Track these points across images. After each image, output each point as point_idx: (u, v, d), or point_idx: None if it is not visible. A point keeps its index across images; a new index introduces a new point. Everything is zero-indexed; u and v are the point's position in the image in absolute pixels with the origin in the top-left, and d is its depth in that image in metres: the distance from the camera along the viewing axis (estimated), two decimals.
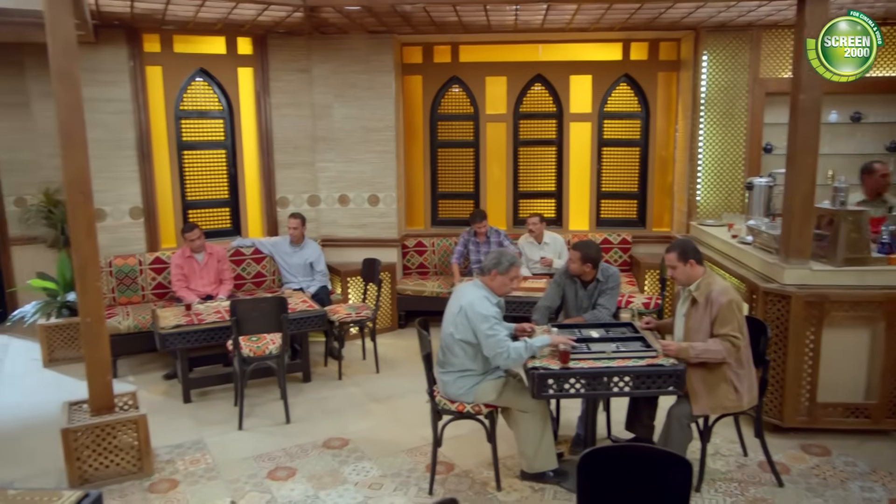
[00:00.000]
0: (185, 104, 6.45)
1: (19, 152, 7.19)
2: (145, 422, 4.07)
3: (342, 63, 6.70)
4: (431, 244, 7.20)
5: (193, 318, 5.17)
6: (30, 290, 7.05)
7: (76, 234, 3.92)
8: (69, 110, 3.80)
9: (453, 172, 7.42)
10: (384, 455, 4.34)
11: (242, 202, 6.77)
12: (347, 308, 5.85)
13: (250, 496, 3.88)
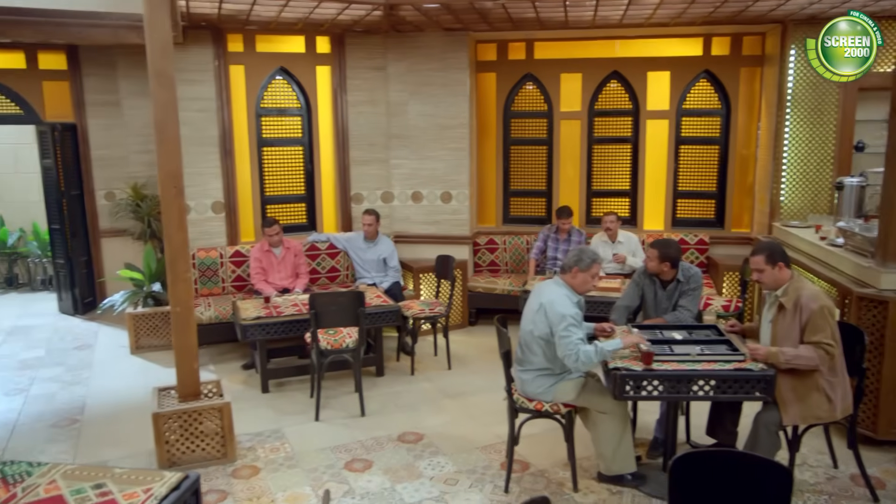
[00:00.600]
0: (266, 102, 6.63)
1: (110, 149, 7.54)
2: (229, 409, 4.21)
3: (417, 61, 6.75)
4: (503, 242, 7.18)
5: (272, 310, 5.30)
6: (117, 280, 7.41)
7: (168, 227, 4.08)
8: (164, 108, 3.96)
9: (526, 170, 7.37)
10: (459, 451, 4.35)
11: (318, 198, 6.91)
12: (421, 304, 5.89)
13: (329, 486, 3.95)
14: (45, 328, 7.24)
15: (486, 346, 6.45)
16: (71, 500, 2.30)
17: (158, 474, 2.47)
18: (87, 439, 4.63)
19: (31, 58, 7.22)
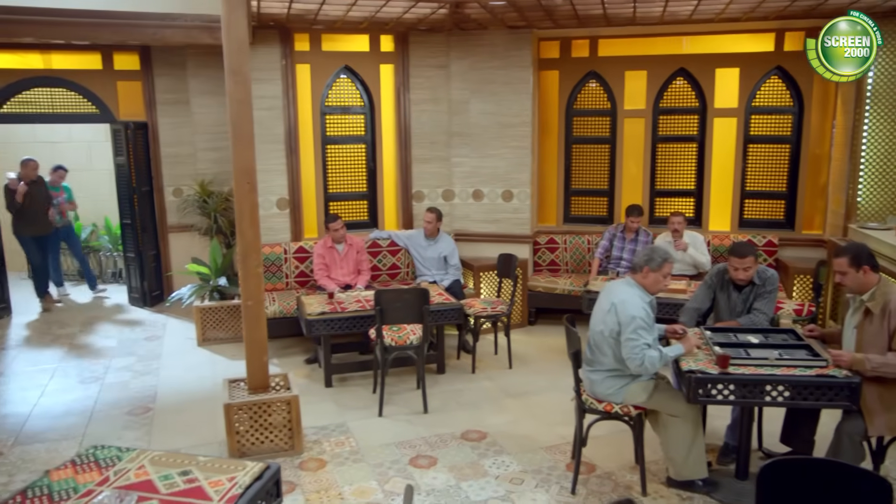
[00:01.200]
0: (330, 100, 6.72)
1: (179, 146, 7.76)
2: (297, 402, 4.28)
3: (480, 59, 6.73)
4: (563, 241, 7.11)
5: (336, 306, 5.37)
6: (183, 274, 7.63)
7: (241, 222, 4.16)
8: (239, 105, 4.04)
9: (587, 169, 7.28)
10: (523, 451, 4.32)
11: (380, 195, 6.97)
12: (482, 303, 5.88)
13: (394, 481, 3.98)
14: (116, 319, 7.50)
15: (545, 345, 6.40)
16: (160, 485, 2.37)
17: (241, 464, 2.52)
18: (159, 427, 4.77)
19: (107, 59, 7.49)
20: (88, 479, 2.42)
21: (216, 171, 7.68)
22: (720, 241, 6.69)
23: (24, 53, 7.26)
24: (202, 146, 7.66)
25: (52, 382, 5.63)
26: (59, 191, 8.23)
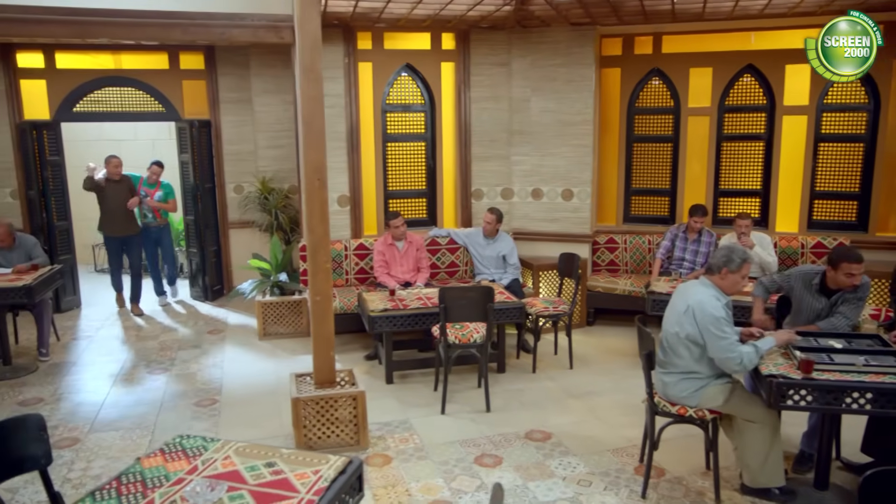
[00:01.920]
0: (391, 98, 6.75)
1: (240, 144, 7.92)
2: (363, 398, 4.30)
3: (541, 56, 6.68)
4: (623, 241, 7.00)
5: (398, 303, 5.38)
6: (242, 270, 7.79)
7: (311, 218, 4.20)
8: (312, 103, 4.08)
9: (649, 168, 7.15)
10: (589, 452, 4.26)
11: (439, 193, 6.98)
12: (544, 302, 5.83)
13: (460, 480, 3.97)
14: (180, 312, 7.68)
15: (605, 346, 6.32)
16: (247, 476, 2.40)
17: (324, 457, 2.54)
18: (226, 419, 4.86)
19: (174, 59, 7.68)
20: (178, 467, 2.47)
21: (276, 168, 7.81)
22: (787, 243, 6.50)
23: (96, 54, 7.50)
24: (263, 144, 7.79)
25: (121, 372, 5.79)
26: (153, 188, 7.71)
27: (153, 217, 7.75)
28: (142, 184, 7.66)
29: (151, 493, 2.29)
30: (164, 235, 7.94)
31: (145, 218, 7.75)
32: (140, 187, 7.63)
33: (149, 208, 7.68)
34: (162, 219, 7.82)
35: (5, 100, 7.25)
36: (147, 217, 7.75)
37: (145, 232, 7.76)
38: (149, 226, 7.77)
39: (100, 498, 2.26)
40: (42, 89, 7.43)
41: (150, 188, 7.67)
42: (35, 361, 6.01)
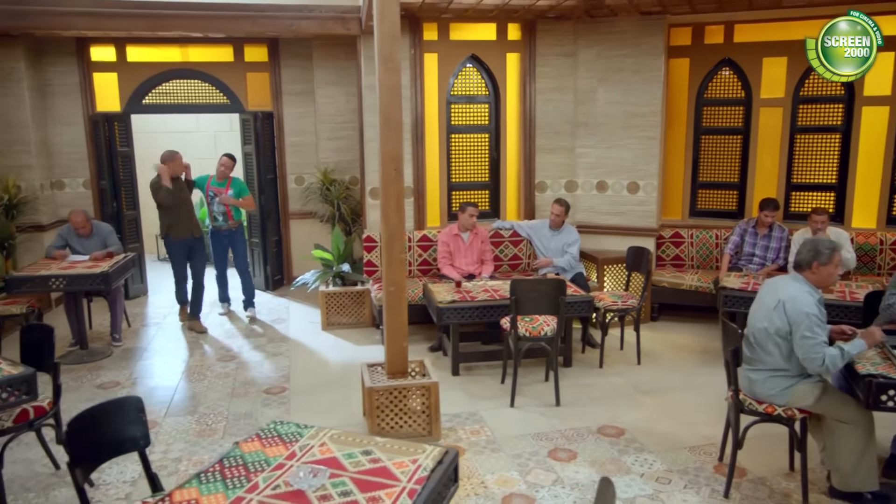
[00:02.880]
0: (456, 89, 6.73)
1: (302, 136, 8.00)
2: (437, 389, 4.29)
3: (608, 47, 6.56)
4: (689, 235, 6.84)
5: (465, 294, 5.36)
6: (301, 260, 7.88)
7: (386, 208, 4.21)
8: (390, 92, 4.08)
9: (717, 161, 6.97)
10: (665, 450, 4.18)
11: (502, 185, 6.93)
12: (612, 296, 5.74)
13: (535, 473, 3.93)
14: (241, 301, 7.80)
15: (671, 342, 6.20)
16: (346, 463, 2.41)
17: (420, 447, 2.53)
18: (297, 407, 4.91)
19: (238, 51, 7.79)
20: (276, 452, 2.50)
21: (337, 160, 7.86)
22: (865, 239, 6.26)
23: (164, 47, 7.65)
24: (324, 135, 7.85)
25: (191, 359, 5.92)
26: (223, 186, 6.81)
27: (224, 218, 6.84)
28: (210, 183, 6.85)
29: (255, 476, 2.32)
30: (237, 240, 7.00)
31: (215, 221, 6.85)
32: (208, 187, 6.82)
33: (220, 209, 6.79)
34: (234, 220, 6.89)
35: (79, 92, 7.46)
36: (217, 220, 6.85)
37: (215, 236, 6.93)
38: (219, 229, 6.87)
39: (205, 480, 2.29)
40: (113, 82, 7.62)
41: (220, 186, 6.81)
42: (109, 346, 6.18)
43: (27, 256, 7.03)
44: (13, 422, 3.49)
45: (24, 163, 7.14)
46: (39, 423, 3.63)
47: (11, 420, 3.48)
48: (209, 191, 6.82)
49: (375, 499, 2.17)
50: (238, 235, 7.01)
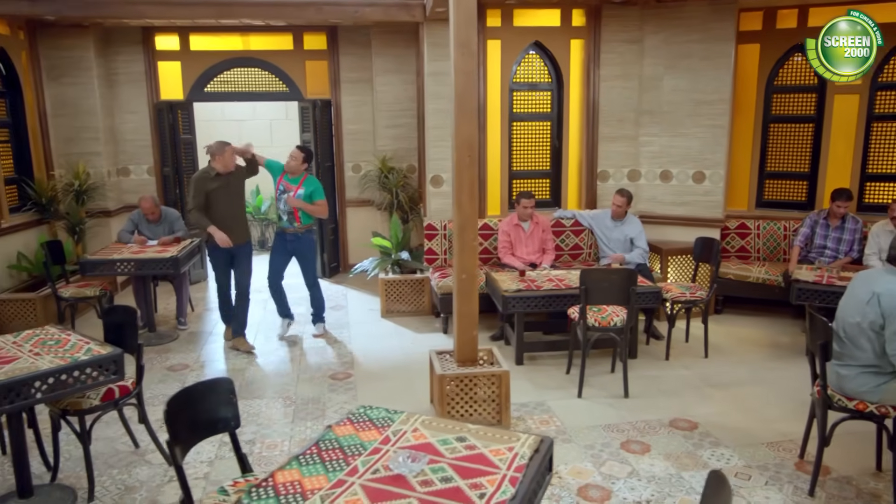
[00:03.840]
0: (518, 76, 6.65)
1: (359, 124, 8.02)
2: (507, 378, 4.27)
3: (676, 33, 6.40)
4: (756, 226, 6.66)
5: (530, 284, 5.32)
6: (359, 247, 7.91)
7: (459, 194, 4.18)
8: (465, 77, 4.05)
9: (786, 150, 6.77)
10: (742, 445, 4.08)
11: (564, 174, 6.85)
12: (680, 287, 5.63)
13: (609, 465, 3.88)
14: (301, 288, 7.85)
15: (737, 335, 6.06)
16: (441, 449, 2.40)
17: (514, 434, 2.51)
18: (363, 392, 4.94)
19: (298, 39, 7.84)
20: (370, 437, 2.50)
21: (395, 147, 7.87)
22: None
23: (226, 36, 7.74)
24: (382, 123, 7.86)
25: (256, 342, 5.99)
26: (297, 182, 5.84)
27: (290, 220, 5.83)
28: (283, 177, 5.88)
29: (352, 460, 2.32)
30: (304, 247, 5.92)
31: (280, 220, 5.94)
32: (280, 181, 5.88)
33: (287, 208, 5.83)
34: (301, 224, 5.83)
35: (145, 81, 7.60)
36: (283, 220, 5.89)
37: (279, 238, 5.94)
38: (284, 231, 5.88)
39: (304, 462, 2.31)
40: (177, 70, 7.75)
41: (292, 182, 5.84)
42: (175, 330, 6.31)
43: (95, 241, 7.22)
44: (100, 400, 3.57)
45: (93, 150, 7.32)
46: (123, 402, 3.72)
47: (99, 398, 3.57)
48: (280, 184, 5.90)
49: (477, 485, 2.15)
50: (305, 242, 5.91)
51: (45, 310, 6.08)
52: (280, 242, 5.96)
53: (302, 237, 5.91)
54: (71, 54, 7.10)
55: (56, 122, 7.19)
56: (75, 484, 3.70)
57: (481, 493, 2.11)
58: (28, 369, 3.15)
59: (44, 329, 3.83)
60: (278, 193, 5.94)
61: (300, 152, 5.90)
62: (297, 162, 5.85)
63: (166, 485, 3.72)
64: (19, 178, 6.83)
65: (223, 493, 2.61)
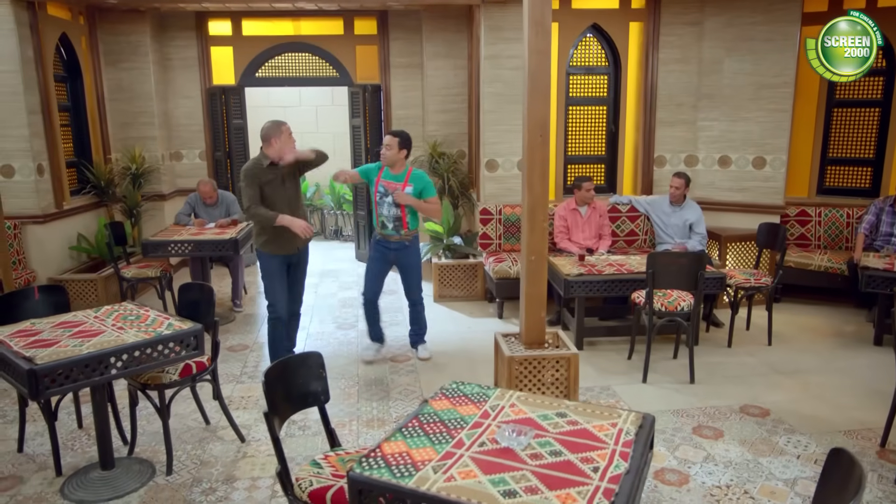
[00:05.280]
0: (575, 60, 6.57)
1: (409, 108, 7.99)
2: (577, 361, 4.22)
3: (738, 14, 6.27)
4: (817, 214, 6.51)
5: (591, 268, 5.26)
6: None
7: (531, 175, 4.12)
8: (539, 56, 4.00)
9: (850, 136, 6.60)
10: (819, 433, 3.99)
11: (620, 159, 6.76)
12: (744, 273, 5.53)
13: (683, 449, 3.83)
14: (349, 272, 7.92)
15: (800, 324, 5.94)
16: (544, 423, 2.38)
17: (615, 411, 2.48)
18: (426, 376, 4.93)
19: (349, 24, 7.84)
20: (469, 411, 2.48)
21: (445, 133, 7.83)
22: None
23: (277, 21, 7.77)
24: (432, 108, 7.82)
25: (311, 326, 6.03)
26: (401, 180, 4.82)
27: (396, 226, 4.84)
28: (381, 175, 4.89)
29: (456, 433, 2.31)
30: (413, 257, 5.01)
31: (383, 227, 4.87)
32: (378, 180, 4.87)
33: (392, 212, 4.83)
34: (409, 230, 4.88)
35: (198, 66, 7.67)
36: (386, 226, 4.85)
37: (379, 247, 4.98)
38: (387, 239, 4.90)
39: (408, 434, 2.30)
40: (229, 56, 7.80)
41: (396, 180, 4.83)
42: (231, 312, 6.37)
43: (151, 224, 7.32)
44: (178, 375, 3.61)
45: (149, 134, 7.41)
46: (200, 378, 3.76)
47: (177, 374, 3.61)
48: (379, 185, 4.88)
49: (588, 459, 2.13)
50: (413, 252, 5.02)
51: (107, 290, 6.19)
52: (380, 252, 5.01)
53: (409, 246, 4.98)
54: (128, 39, 7.18)
55: (113, 106, 7.29)
56: (152, 458, 3.76)
57: (594, 466, 2.09)
58: (114, 342, 3.19)
59: (121, 305, 3.88)
60: (378, 197, 4.88)
61: (394, 137, 4.84)
62: (394, 150, 4.79)
63: (241, 460, 3.76)
64: (79, 161, 6.94)
65: (316, 465, 2.62)
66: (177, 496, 3.40)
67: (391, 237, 4.94)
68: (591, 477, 2.03)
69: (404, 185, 4.86)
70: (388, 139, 4.90)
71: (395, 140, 4.85)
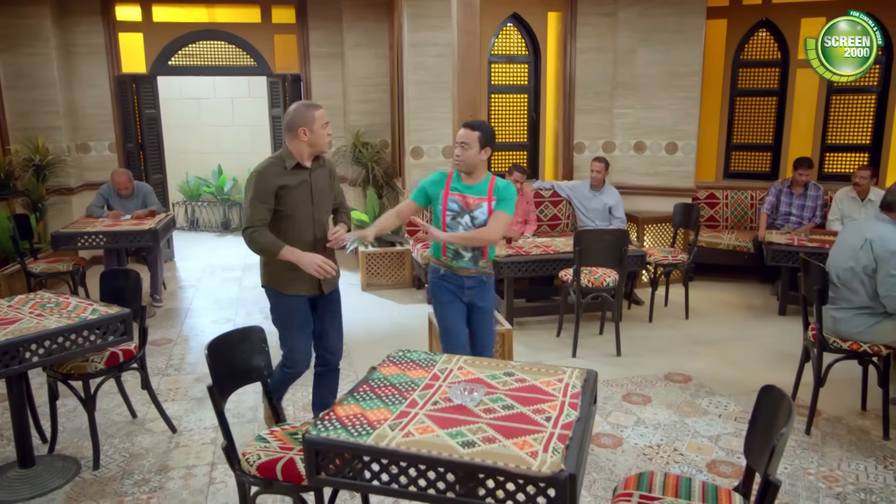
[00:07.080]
0: (496, 48, 6.69)
1: (331, 99, 7.91)
2: (511, 335, 4.33)
3: (650, 6, 6.56)
4: (724, 196, 6.91)
5: (518, 249, 5.38)
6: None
7: None
8: (468, 37, 4.07)
9: (751, 123, 7.04)
10: (737, 393, 4.26)
11: (541, 146, 6.94)
12: (662, 251, 5.79)
13: (616, 415, 3.98)
14: None
15: (714, 299, 6.29)
16: (493, 382, 2.43)
17: (559, 368, 2.56)
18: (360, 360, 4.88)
19: (266, 12, 7.68)
20: (419, 375, 2.50)
21: (367, 122, 7.80)
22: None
23: (190, 7, 7.52)
24: (354, 98, 7.78)
25: (237, 318, 5.87)
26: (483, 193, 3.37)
27: (475, 257, 3.43)
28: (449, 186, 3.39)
29: (409, 394, 2.32)
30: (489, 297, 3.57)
31: (456, 258, 3.42)
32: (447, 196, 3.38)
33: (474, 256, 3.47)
34: (488, 259, 3.49)
35: (105, 53, 7.31)
36: (462, 256, 3.41)
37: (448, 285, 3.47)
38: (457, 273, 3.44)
39: (360, 398, 2.30)
40: (139, 42, 7.48)
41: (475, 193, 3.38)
42: (150, 307, 6.11)
43: (58, 219, 6.91)
44: (105, 364, 3.45)
45: (52, 124, 7.00)
46: (127, 366, 3.60)
47: (103, 362, 3.44)
48: (447, 200, 3.40)
49: (540, 411, 2.19)
50: (490, 289, 3.57)
51: (11, 288, 5.80)
52: (449, 291, 3.49)
53: (486, 282, 3.54)
54: (27, 22, 6.76)
55: (11, 94, 6.84)
56: (75, 454, 3.57)
57: (546, 416, 2.15)
58: (35, 329, 3.01)
59: (37, 293, 3.67)
60: (449, 218, 3.39)
61: (472, 131, 3.30)
62: (474, 150, 3.29)
63: (174, 450, 3.62)
64: None
65: (262, 440, 2.57)
66: (107, 489, 3.24)
67: (465, 270, 3.44)
68: (544, 425, 2.09)
69: (488, 198, 3.36)
70: (464, 133, 3.31)
71: (475, 135, 3.29)
